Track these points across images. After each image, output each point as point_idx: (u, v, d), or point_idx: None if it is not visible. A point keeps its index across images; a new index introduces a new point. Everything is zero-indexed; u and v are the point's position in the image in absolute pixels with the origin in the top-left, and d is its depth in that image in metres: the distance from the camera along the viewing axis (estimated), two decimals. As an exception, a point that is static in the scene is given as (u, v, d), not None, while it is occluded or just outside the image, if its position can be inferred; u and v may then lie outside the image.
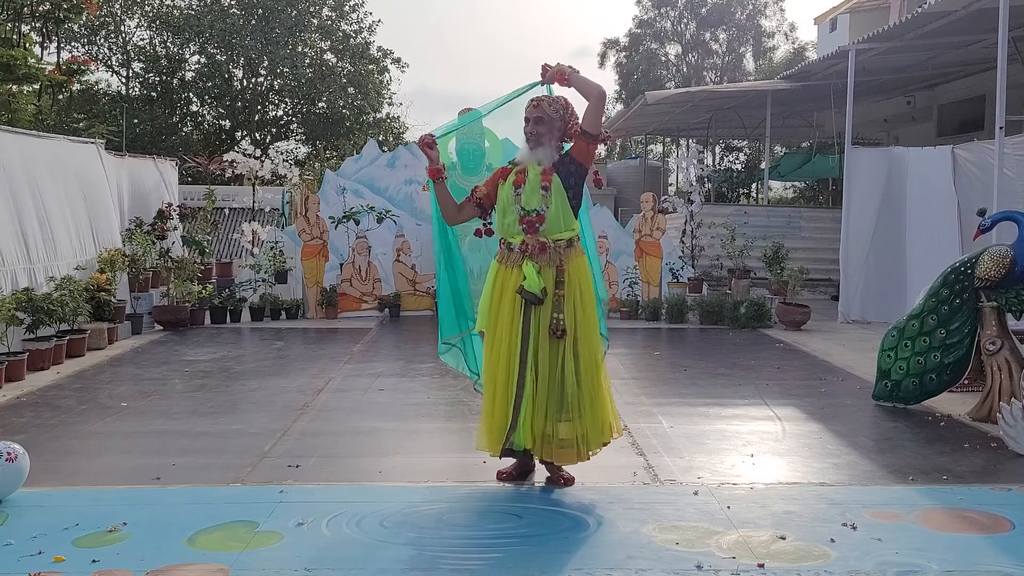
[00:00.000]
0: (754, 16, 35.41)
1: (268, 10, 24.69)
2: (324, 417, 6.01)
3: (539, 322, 4.25)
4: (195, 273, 10.73)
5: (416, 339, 9.72)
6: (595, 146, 4.47)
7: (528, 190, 4.31)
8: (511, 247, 4.35)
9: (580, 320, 4.32)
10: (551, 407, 4.26)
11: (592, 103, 4.38)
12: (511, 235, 4.36)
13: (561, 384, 4.26)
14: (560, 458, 4.35)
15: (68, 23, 14.94)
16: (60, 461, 4.91)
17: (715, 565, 3.44)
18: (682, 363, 8.23)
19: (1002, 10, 8.26)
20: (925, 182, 10.37)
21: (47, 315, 7.72)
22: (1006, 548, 3.64)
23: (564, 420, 4.26)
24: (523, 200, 4.31)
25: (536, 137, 4.38)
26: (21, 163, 8.33)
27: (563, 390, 4.26)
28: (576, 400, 4.27)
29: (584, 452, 4.35)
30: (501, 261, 4.39)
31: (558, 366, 4.25)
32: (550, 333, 4.22)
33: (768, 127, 16.70)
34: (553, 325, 4.22)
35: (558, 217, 4.33)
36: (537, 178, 4.32)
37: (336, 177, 12.03)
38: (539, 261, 4.27)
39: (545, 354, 4.25)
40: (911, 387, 6.25)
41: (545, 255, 4.28)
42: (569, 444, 4.29)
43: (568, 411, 4.26)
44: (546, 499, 4.26)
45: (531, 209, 4.29)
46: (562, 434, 4.27)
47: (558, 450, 4.30)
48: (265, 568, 3.39)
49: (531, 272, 4.21)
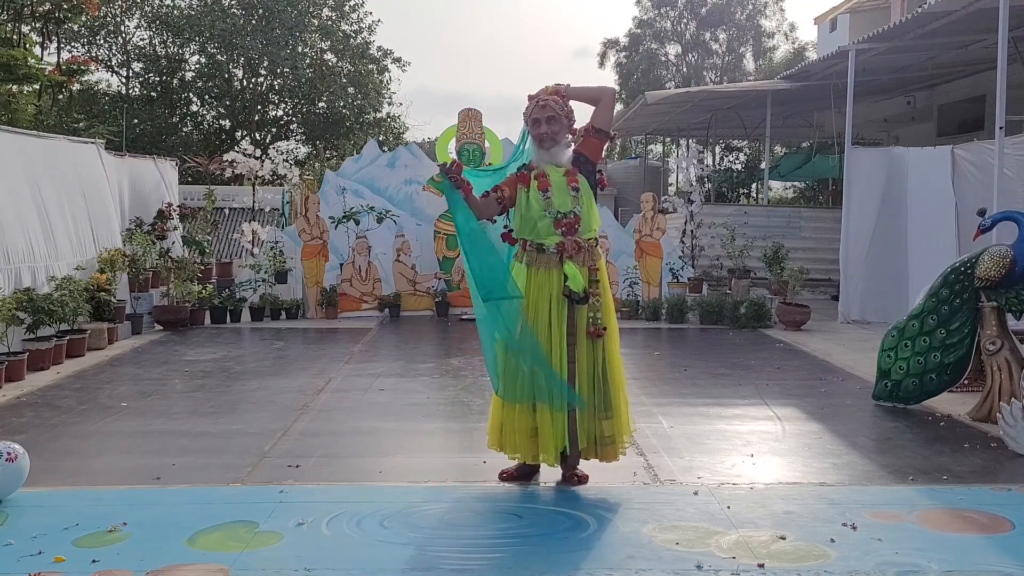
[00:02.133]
0: (754, 16, 35.41)
1: (268, 10, 24.70)
2: (324, 417, 6.00)
3: (580, 323, 4.28)
4: (195, 273, 10.74)
5: (416, 339, 9.72)
6: (605, 143, 4.51)
7: (556, 192, 4.31)
8: (543, 249, 4.32)
9: (608, 318, 4.38)
10: (597, 406, 4.31)
11: (604, 102, 4.43)
12: (543, 237, 4.33)
13: (603, 383, 4.31)
14: (606, 456, 4.38)
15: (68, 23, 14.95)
16: (60, 461, 4.91)
17: (715, 565, 3.44)
18: (682, 363, 8.22)
19: (1002, 10, 8.26)
20: (925, 182, 10.37)
21: (47, 315, 7.73)
22: (1006, 548, 3.64)
23: (607, 418, 4.32)
24: (555, 203, 4.30)
25: (552, 136, 4.37)
26: (22, 163, 8.34)
27: (605, 388, 4.31)
28: (614, 398, 4.33)
29: (623, 448, 4.42)
30: (532, 264, 4.34)
31: (598, 365, 4.31)
32: (588, 333, 4.27)
33: (768, 127, 16.70)
34: (591, 325, 4.27)
35: (589, 216, 4.37)
36: (563, 180, 4.33)
37: (336, 177, 12.04)
38: (577, 261, 4.30)
39: (584, 354, 4.29)
40: (911, 387, 6.25)
41: (581, 255, 4.32)
42: (612, 441, 4.35)
43: (609, 408, 4.32)
44: (546, 499, 4.26)
45: (567, 211, 4.30)
46: (606, 432, 4.32)
47: (603, 448, 4.35)
48: (265, 568, 3.39)
49: (575, 272, 4.24)
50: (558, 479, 4.47)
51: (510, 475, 4.50)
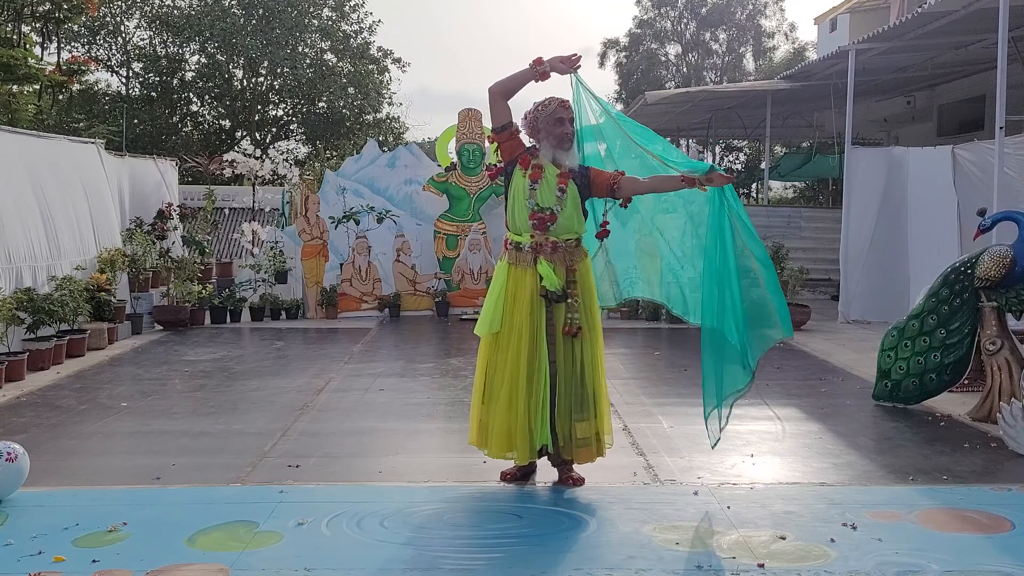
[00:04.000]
0: (754, 16, 35.40)
1: (268, 10, 24.70)
2: (324, 417, 6.00)
3: (558, 322, 4.28)
4: (195, 273, 10.74)
5: (416, 339, 9.72)
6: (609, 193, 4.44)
7: (544, 188, 4.32)
8: (520, 247, 4.34)
9: (589, 320, 4.36)
10: (572, 407, 4.29)
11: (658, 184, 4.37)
12: (519, 232, 4.35)
13: (580, 384, 4.29)
14: (580, 457, 4.37)
15: (68, 23, 14.93)
16: (60, 461, 4.91)
17: (715, 565, 3.44)
18: (682, 363, 8.22)
19: (1002, 10, 8.26)
20: (925, 182, 10.36)
21: (47, 315, 7.73)
22: (1006, 548, 3.64)
23: (582, 420, 4.30)
24: (538, 196, 4.31)
25: (571, 138, 4.40)
26: (23, 163, 8.34)
27: (581, 390, 4.29)
28: (590, 399, 4.32)
29: (601, 449, 4.40)
30: (512, 262, 4.36)
31: (574, 365, 4.29)
32: (564, 333, 4.26)
33: (768, 127, 16.69)
34: (568, 325, 4.25)
35: (571, 218, 4.36)
36: (554, 179, 4.34)
37: (336, 177, 12.04)
38: (552, 260, 4.29)
39: (562, 354, 4.28)
40: (911, 387, 6.24)
41: (557, 254, 4.31)
42: (587, 443, 4.33)
43: (584, 410, 4.30)
44: (546, 499, 4.26)
45: (545, 207, 4.30)
46: (579, 433, 4.30)
47: (577, 449, 4.34)
48: (265, 568, 3.39)
49: (548, 272, 4.23)
50: (555, 480, 4.47)
51: (512, 476, 4.50)
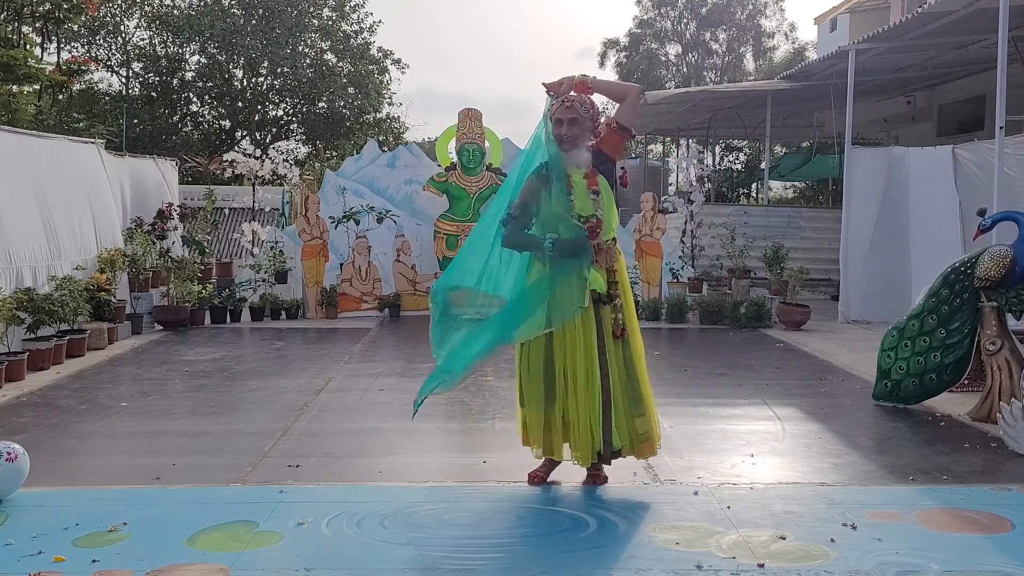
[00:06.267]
0: (754, 16, 35.42)
1: (269, 10, 24.69)
2: (324, 417, 6.00)
3: (605, 325, 4.30)
4: (195, 273, 10.73)
5: (416, 339, 9.71)
6: (627, 140, 4.46)
7: (579, 196, 4.29)
8: None
9: (630, 317, 4.39)
10: (630, 404, 4.32)
11: (630, 99, 4.42)
12: None
13: (636, 380, 4.33)
14: (643, 452, 4.40)
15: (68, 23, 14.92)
16: (60, 461, 4.91)
17: (715, 565, 3.44)
18: (682, 363, 8.22)
19: (1002, 10, 8.26)
20: (925, 182, 10.37)
21: (47, 315, 7.72)
22: (1006, 548, 3.64)
23: (640, 415, 4.34)
24: (577, 207, 4.28)
25: (572, 139, 4.31)
26: (23, 163, 8.34)
27: (634, 386, 4.33)
28: (643, 395, 4.35)
29: (658, 443, 4.43)
30: None
31: (627, 364, 4.32)
32: (613, 335, 4.29)
33: (768, 127, 16.71)
34: (615, 325, 4.28)
35: (610, 218, 4.38)
36: (583, 182, 4.30)
37: (336, 177, 12.04)
38: (599, 263, 4.31)
39: (613, 355, 4.30)
40: (911, 387, 6.25)
41: (600, 256, 4.33)
42: (647, 437, 4.37)
43: (639, 405, 4.34)
44: (546, 499, 4.26)
45: (589, 215, 4.29)
46: (639, 429, 4.34)
47: (639, 445, 4.37)
48: (265, 568, 3.39)
49: (595, 275, 4.25)
50: (564, 479, 4.46)
51: (540, 478, 4.46)
